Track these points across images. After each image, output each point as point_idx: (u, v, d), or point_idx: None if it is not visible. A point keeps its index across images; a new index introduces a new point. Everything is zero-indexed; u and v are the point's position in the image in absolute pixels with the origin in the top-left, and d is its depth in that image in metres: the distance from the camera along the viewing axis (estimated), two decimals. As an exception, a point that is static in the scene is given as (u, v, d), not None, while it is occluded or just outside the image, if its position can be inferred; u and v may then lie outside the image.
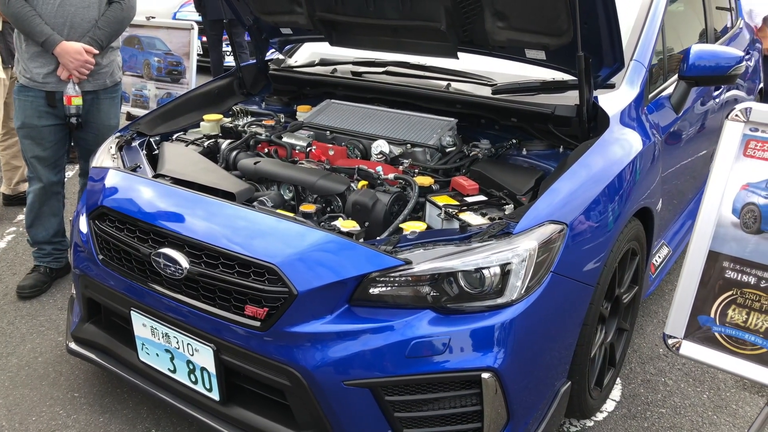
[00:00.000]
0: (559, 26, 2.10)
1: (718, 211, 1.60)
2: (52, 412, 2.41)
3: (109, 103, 3.18)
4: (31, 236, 3.23)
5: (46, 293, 3.21)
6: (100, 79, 3.09)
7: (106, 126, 3.17)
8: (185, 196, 2.06)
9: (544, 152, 2.35)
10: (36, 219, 3.18)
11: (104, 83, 3.12)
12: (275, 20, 2.91)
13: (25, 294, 3.17)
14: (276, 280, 1.76)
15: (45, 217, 3.18)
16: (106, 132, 3.15)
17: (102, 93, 3.13)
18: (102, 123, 3.16)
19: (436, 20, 2.36)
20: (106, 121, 3.18)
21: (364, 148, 2.44)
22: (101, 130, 3.15)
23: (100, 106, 3.14)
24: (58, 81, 2.96)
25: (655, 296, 3.23)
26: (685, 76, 2.58)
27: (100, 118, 3.15)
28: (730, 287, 1.58)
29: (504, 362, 1.73)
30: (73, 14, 2.92)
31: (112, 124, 3.21)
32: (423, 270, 1.73)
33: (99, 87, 3.10)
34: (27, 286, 3.18)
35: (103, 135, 3.14)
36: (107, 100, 3.17)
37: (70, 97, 2.96)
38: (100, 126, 3.15)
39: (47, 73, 2.95)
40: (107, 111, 3.18)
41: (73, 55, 2.89)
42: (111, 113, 3.20)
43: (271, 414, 1.92)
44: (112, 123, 3.21)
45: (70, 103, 2.96)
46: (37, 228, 3.20)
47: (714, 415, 2.44)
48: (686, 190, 3.12)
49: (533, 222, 1.83)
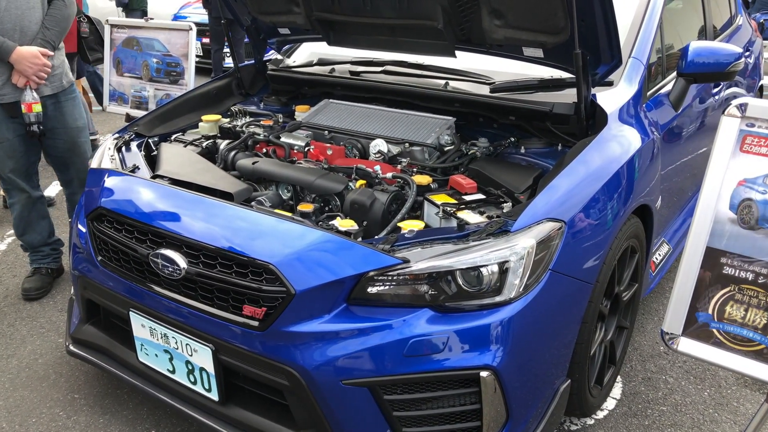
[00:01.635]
0: (557, 24, 2.10)
1: (715, 207, 1.59)
2: (53, 413, 2.41)
3: (71, 104, 3.08)
4: (27, 243, 3.23)
5: (46, 295, 3.21)
6: (56, 82, 2.99)
7: (74, 128, 3.09)
8: (183, 197, 2.06)
9: (543, 150, 2.35)
10: (27, 226, 3.16)
11: (61, 85, 3.02)
12: (273, 20, 2.91)
13: (32, 296, 3.17)
14: (274, 279, 1.76)
15: (35, 222, 3.17)
16: (76, 134, 3.08)
17: (61, 95, 3.03)
18: (69, 126, 3.07)
19: (434, 19, 2.36)
20: (73, 123, 3.09)
21: (362, 147, 2.44)
22: (70, 134, 3.07)
23: (63, 110, 3.04)
24: (14, 90, 2.84)
25: (655, 294, 3.22)
26: (684, 73, 2.57)
27: (66, 122, 3.05)
28: (727, 283, 1.58)
29: (503, 360, 1.73)
30: (20, 17, 2.79)
31: (79, 125, 3.12)
32: (421, 268, 1.73)
33: (57, 89, 3.00)
34: (33, 288, 3.18)
35: (72, 138, 3.07)
36: (68, 102, 3.07)
37: (30, 104, 2.83)
38: (69, 129, 3.07)
39: (1, 84, 2.82)
40: (71, 112, 3.08)
41: (31, 60, 2.77)
42: (75, 114, 3.11)
43: (270, 414, 1.92)
44: (79, 124, 3.12)
45: (31, 111, 2.84)
46: (30, 234, 3.19)
47: (715, 413, 2.44)
48: (686, 187, 3.12)
49: (531, 220, 1.82)
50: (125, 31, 4.58)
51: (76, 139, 3.12)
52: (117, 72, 4.61)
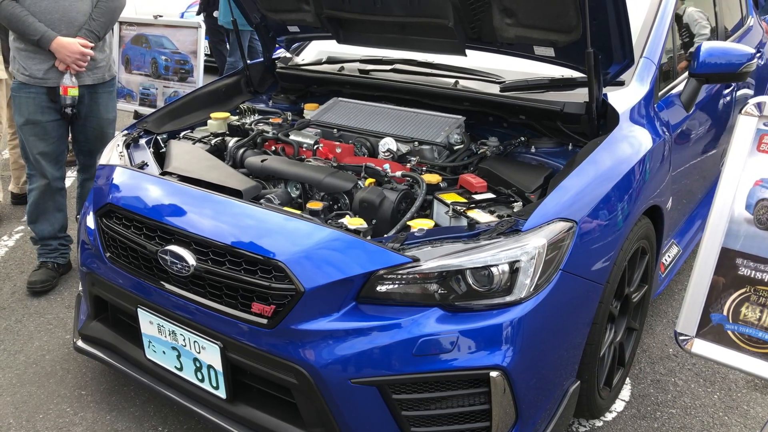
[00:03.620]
0: (568, 22, 2.08)
1: (731, 207, 1.57)
2: (60, 409, 2.41)
3: (107, 96, 3.23)
4: (37, 232, 3.24)
5: (53, 291, 3.21)
6: (98, 73, 3.14)
7: (105, 119, 3.24)
8: (192, 194, 2.06)
9: (553, 150, 2.33)
10: (41, 215, 3.20)
11: (102, 77, 3.17)
12: (282, 18, 2.90)
13: (36, 289, 3.18)
14: (283, 277, 1.75)
15: (50, 212, 3.21)
16: (106, 125, 3.24)
17: (100, 87, 3.17)
18: (101, 116, 3.22)
19: (444, 17, 2.34)
20: (105, 115, 3.24)
21: (371, 145, 2.43)
22: (101, 124, 3.22)
23: (98, 100, 3.18)
24: (58, 75, 3.00)
25: (664, 296, 3.20)
26: (696, 74, 2.55)
27: (99, 112, 3.20)
28: (743, 284, 1.56)
29: (513, 361, 1.72)
30: (67, 8, 2.95)
31: (110, 117, 3.28)
32: (431, 267, 1.72)
33: (97, 81, 3.14)
34: (38, 282, 3.19)
35: (102, 129, 3.23)
36: (105, 94, 3.21)
37: (67, 87, 3.00)
38: (100, 119, 3.21)
39: (47, 69, 2.98)
40: (106, 104, 3.23)
41: (69, 50, 2.93)
42: (110, 106, 3.26)
43: (278, 412, 1.91)
44: (110, 116, 3.28)
45: (66, 93, 3.01)
46: (42, 224, 3.22)
47: (725, 416, 2.42)
48: (696, 189, 3.10)
49: (542, 219, 1.81)
50: (134, 28, 4.58)
51: (106, 129, 3.27)
52: (126, 69, 4.62)
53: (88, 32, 3.01)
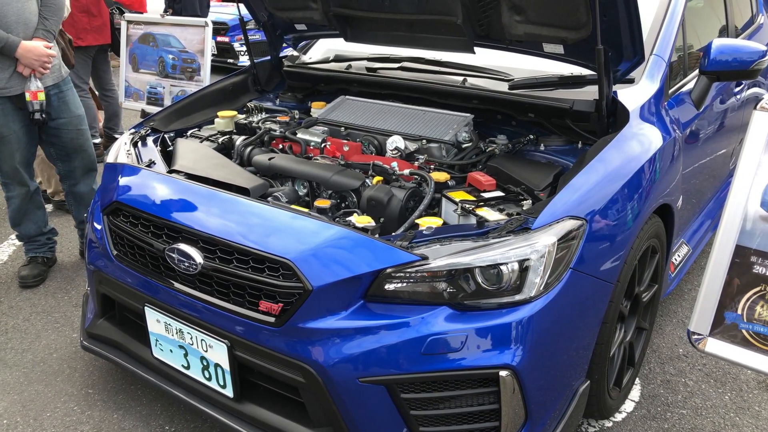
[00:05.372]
0: (578, 19, 2.06)
1: (745, 204, 1.54)
2: (67, 408, 2.40)
3: (71, 93, 3.15)
4: (23, 233, 3.28)
5: (60, 290, 3.22)
6: (56, 72, 3.05)
7: (77, 116, 3.16)
8: (199, 192, 2.05)
9: (562, 148, 2.32)
10: (24, 217, 3.22)
11: (60, 75, 3.09)
12: (290, 16, 2.89)
13: (29, 283, 3.22)
14: (291, 275, 1.74)
15: (32, 212, 3.23)
16: (79, 122, 3.16)
17: (62, 84, 3.09)
18: (73, 113, 3.13)
19: (453, 14, 2.33)
20: (76, 111, 3.16)
21: (379, 144, 2.42)
22: (74, 122, 3.14)
23: (66, 99, 3.11)
24: (20, 82, 2.89)
25: (674, 296, 3.18)
26: (707, 71, 2.53)
27: (69, 110, 3.12)
28: (758, 283, 1.53)
29: (522, 360, 1.70)
30: (21, 10, 2.83)
31: (81, 114, 3.20)
32: (439, 266, 1.70)
33: (58, 79, 3.06)
34: (30, 276, 3.24)
35: (77, 126, 3.15)
36: (69, 91, 3.13)
37: (35, 92, 2.89)
38: (72, 117, 3.13)
39: (8, 77, 2.87)
40: (73, 101, 3.15)
41: (36, 53, 2.84)
42: (76, 102, 3.18)
43: (285, 411, 1.91)
44: (80, 112, 3.19)
45: (36, 98, 2.89)
46: (26, 225, 3.25)
47: (736, 417, 2.39)
48: (706, 188, 3.07)
49: (552, 218, 1.79)
50: (141, 27, 4.59)
51: (80, 126, 3.19)
52: (133, 68, 4.62)
53: (45, 32, 2.92)
